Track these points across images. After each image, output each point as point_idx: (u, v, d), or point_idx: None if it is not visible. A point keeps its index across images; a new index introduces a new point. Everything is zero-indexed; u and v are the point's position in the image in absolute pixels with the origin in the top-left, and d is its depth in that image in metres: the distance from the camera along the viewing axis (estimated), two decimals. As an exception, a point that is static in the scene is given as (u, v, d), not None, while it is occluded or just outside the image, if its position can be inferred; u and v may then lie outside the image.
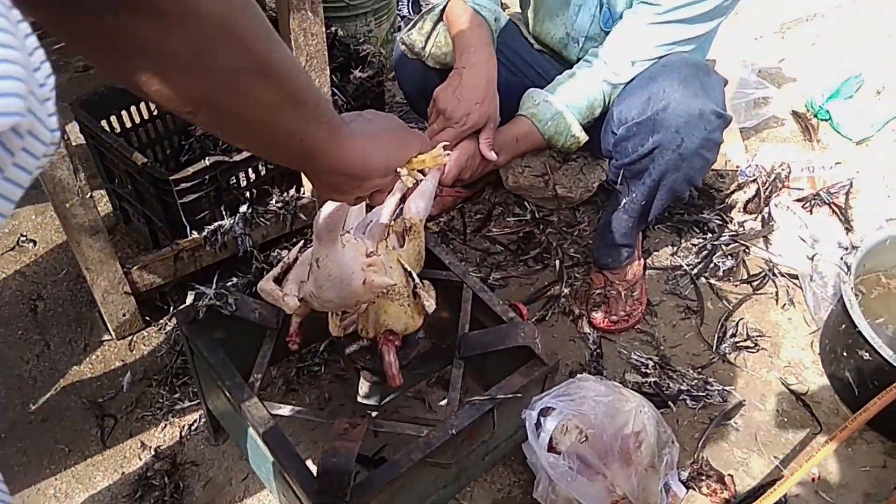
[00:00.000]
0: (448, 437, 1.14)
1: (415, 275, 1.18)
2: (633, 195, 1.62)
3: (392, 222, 1.21)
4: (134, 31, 0.50)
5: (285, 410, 1.19)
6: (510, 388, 1.21)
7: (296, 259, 1.09)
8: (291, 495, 1.15)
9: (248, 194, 1.78)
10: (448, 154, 0.91)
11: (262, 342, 1.30)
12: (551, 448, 1.30)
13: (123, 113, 1.83)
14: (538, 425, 1.24)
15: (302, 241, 1.14)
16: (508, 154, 1.54)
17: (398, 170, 0.84)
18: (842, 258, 1.73)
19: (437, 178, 1.27)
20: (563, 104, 1.53)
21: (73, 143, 1.45)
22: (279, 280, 1.08)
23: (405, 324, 1.17)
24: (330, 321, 1.21)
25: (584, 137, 1.54)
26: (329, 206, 0.93)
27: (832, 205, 2.04)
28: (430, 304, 1.17)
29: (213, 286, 1.27)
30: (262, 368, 1.23)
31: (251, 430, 1.19)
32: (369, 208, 1.22)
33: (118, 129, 1.82)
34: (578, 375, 1.37)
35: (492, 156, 1.47)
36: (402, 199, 1.27)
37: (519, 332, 1.23)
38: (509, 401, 1.22)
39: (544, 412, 1.24)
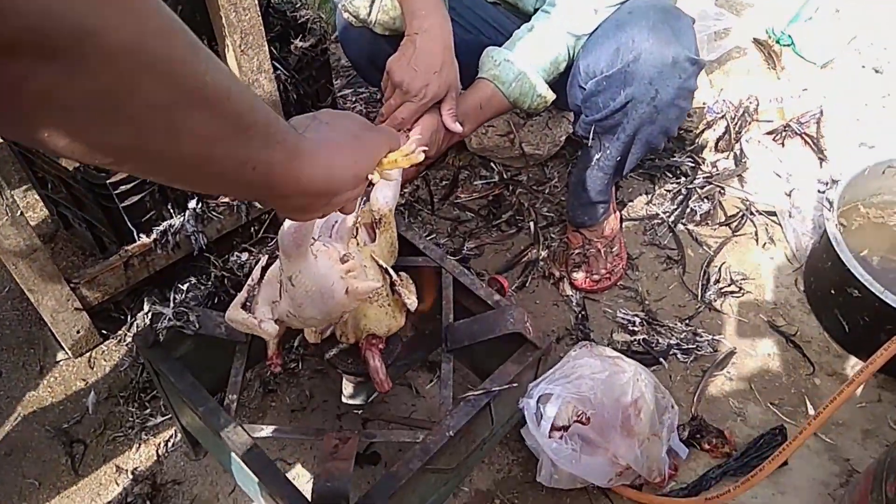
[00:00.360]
0: (446, 439, 1.07)
1: (391, 271, 1.09)
2: (607, 151, 1.53)
3: (358, 217, 1.11)
4: (26, 79, 0.39)
5: (267, 431, 1.11)
6: (504, 378, 1.14)
7: (260, 279, 0.99)
8: (285, 517, 1.08)
9: (196, 187, 1.65)
10: (423, 150, 0.81)
11: (230, 354, 1.21)
12: (551, 428, 1.25)
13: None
14: (538, 412, 1.18)
15: (264, 259, 1.03)
16: (473, 123, 1.44)
17: (369, 176, 0.74)
18: (822, 193, 1.68)
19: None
20: (526, 62, 1.42)
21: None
22: (247, 306, 0.98)
23: (387, 325, 1.09)
24: (305, 330, 1.11)
25: (551, 96, 1.44)
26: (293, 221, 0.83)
27: (804, 135, 2.00)
28: (412, 300, 1.08)
29: (171, 303, 1.16)
30: (237, 388, 1.14)
31: (233, 455, 1.10)
32: None
33: (43, 130, 1.65)
34: (572, 352, 1.31)
35: (457, 128, 1.36)
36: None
37: (508, 318, 1.15)
38: (505, 390, 1.15)
39: (542, 399, 1.18)
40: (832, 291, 1.61)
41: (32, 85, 0.40)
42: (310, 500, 0.99)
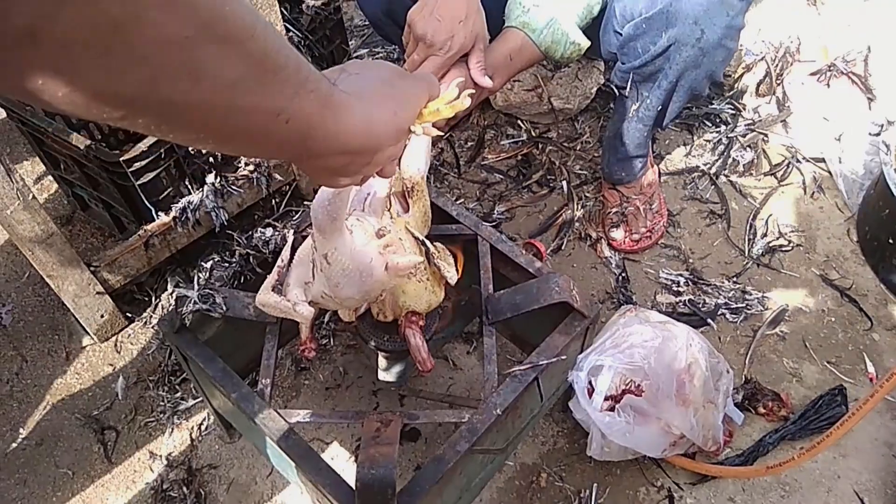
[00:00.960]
0: (494, 418, 1.00)
1: (428, 242, 1.01)
2: (647, 100, 1.43)
3: (391, 186, 1.03)
4: (9, 13, 0.32)
5: (304, 416, 1.05)
6: (552, 351, 1.07)
7: (290, 260, 0.92)
8: (327, 502, 1.03)
9: (211, 160, 1.58)
10: (469, 93, 0.72)
11: (260, 335, 1.14)
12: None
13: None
14: (588, 385, 1.10)
15: (291, 236, 0.96)
16: (503, 76, 1.34)
17: (411, 128, 0.65)
18: (875, 135, 1.57)
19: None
20: (557, 7, 1.31)
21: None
22: (277, 288, 0.91)
23: (427, 301, 1.02)
24: (339, 310, 1.05)
25: (585, 43, 1.33)
26: (327, 192, 0.75)
27: (850, 74, 1.87)
28: (452, 273, 1.01)
29: (196, 284, 1.10)
30: (270, 371, 1.08)
31: (269, 440, 1.05)
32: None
33: (51, 108, 1.58)
34: (620, 319, 1.23)
35: (486, 82, 1.27)
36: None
37: (553, 286, 1.07)
38: (552, 363, 1.08)
39: (593, 371, 1.11)
40: (890, 240, 1.51)
41: (15, 18, 0.32)
42: (353, 487, 0.93)
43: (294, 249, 0.93)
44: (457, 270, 1.07)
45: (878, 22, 2.06)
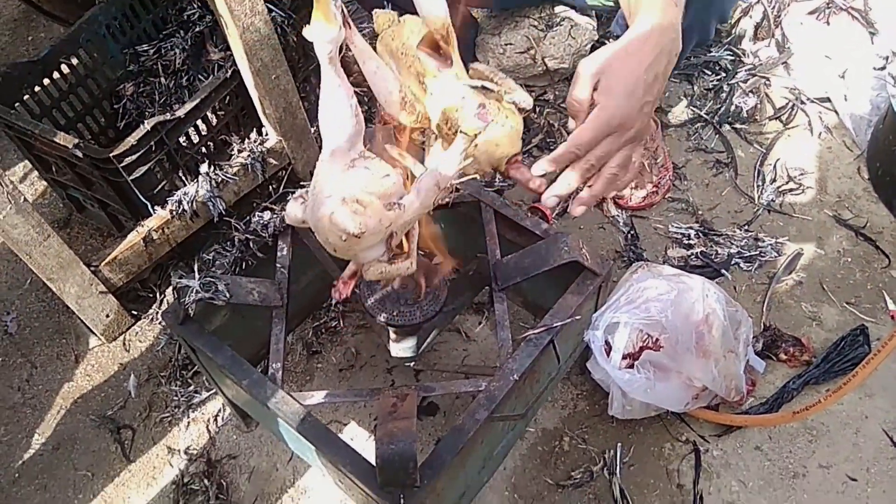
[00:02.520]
0: (511, 384, 0.98)
1: (487, 83, 0.92)
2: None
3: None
4: None
5: (318, 398, 1.03)
6: (566, 311, 1.04)
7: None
8: (349, 482, 1.01)
9: (204, 150, 1.55)
10: None
11: (267, 319, 1.12)
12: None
13: (37, 89, 1.55)
14: (605, 343, 1.08)
15: None
16: None
17: None
18: (880, 69, 1.53)
19: None
20: None
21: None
22: None
23: (517, 139, 0.92)
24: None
25: None
26: None
27: (850, 10, 1.81)
28: (524, 97, 0.91)
29: (196, 273, 1.07)
30: (280, 356, 1.05)
31: (285, 424, 1.03)
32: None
33: (37, 110, 1.55)
34: (634, 275, 1.20)
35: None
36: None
37: (562, 246, 1.04)
38: (567, 324, 1.05)
39: (609, 328, 1.09)
40: (903, 175, 1.47)
41: None
42: (374, 464, 0.91)
43: None
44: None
45: (874, -47, 2.00)
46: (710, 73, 1.82)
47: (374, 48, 0.94)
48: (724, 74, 1.80)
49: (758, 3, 1.88)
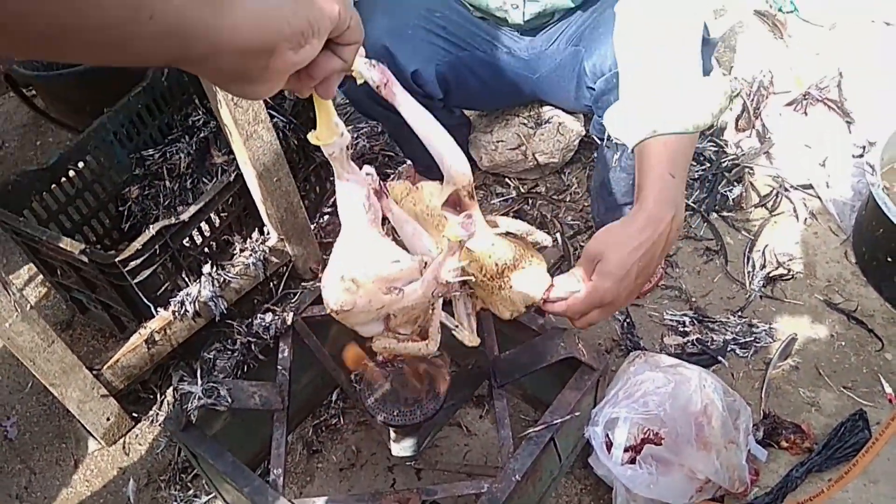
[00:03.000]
0: (514, 485, 0.98)
1: (511, 228, 1.03)
2: (626, 150, 1.45)
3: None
4: None
5: (320, 502, 1.02)
6: (565, 408, 1.05)
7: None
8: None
9: (207, 251, 1.59)
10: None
11: (268, 422, 1.13)
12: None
13: (45, 195, 1.60)
14: (606, 439, 1.08)
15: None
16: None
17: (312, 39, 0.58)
18: (859, 157, 1.59)
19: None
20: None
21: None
22: None
23: (545, 277, 1.02)
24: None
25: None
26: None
27: (826, 101, 1.90)
28: (543, 236, 1.05)
29: (199, 379, 1.08)
30: (281, 461, 1.05)
31: (287, 532, 1.02)
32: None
33: (44, 215, 1.60)
34: (630, 367, 1.22)
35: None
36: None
37: (557, 342, 1.07)
38: (567, 420, 1.06)
39: (609, 424, 1.09)
40: (889, 259, 1.51)
41: None
42: (377, 573, 0.90)
43: None
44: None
45: (845, 47, 2.11)
46: (694, 163, 1.89)
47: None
48: (708, 164, 1.87)
49: (737, 97, 1.96)
